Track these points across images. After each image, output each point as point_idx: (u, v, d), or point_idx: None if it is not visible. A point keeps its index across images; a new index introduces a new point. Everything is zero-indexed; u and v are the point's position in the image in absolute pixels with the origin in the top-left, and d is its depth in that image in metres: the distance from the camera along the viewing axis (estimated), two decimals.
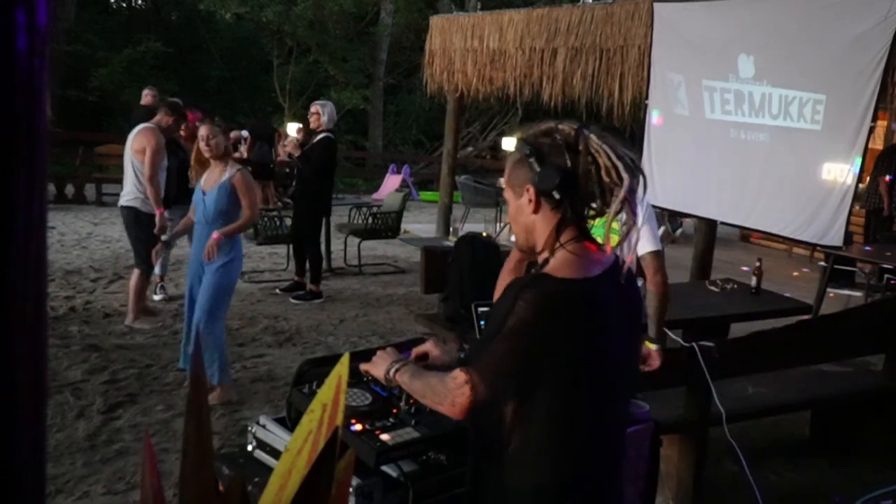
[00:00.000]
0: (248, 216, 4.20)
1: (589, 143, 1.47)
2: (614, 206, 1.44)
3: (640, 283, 3.10)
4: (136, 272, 5.55)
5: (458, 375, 1.46)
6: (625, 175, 1.44)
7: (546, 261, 1.54)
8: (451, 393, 1.47)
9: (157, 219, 5.36)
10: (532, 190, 1.51)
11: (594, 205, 1.51)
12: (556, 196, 1.49)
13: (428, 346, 1.87)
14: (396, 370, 1.65)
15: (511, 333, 1.45)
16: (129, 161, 5.47)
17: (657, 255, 2.99)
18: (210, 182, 4.17)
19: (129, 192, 5.48)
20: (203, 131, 4.11)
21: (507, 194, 1.61)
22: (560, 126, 1.52)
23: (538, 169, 1.49)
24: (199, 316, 4.12)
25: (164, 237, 4.86)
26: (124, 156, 5.60)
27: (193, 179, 4.36)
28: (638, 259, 2.91)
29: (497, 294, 2.95)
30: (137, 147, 5.44)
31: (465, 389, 1.44)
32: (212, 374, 4.16)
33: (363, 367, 1.76)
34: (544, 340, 1.45)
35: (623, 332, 1.56)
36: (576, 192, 1.49)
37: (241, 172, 4.17)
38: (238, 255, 4.26)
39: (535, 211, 1.53)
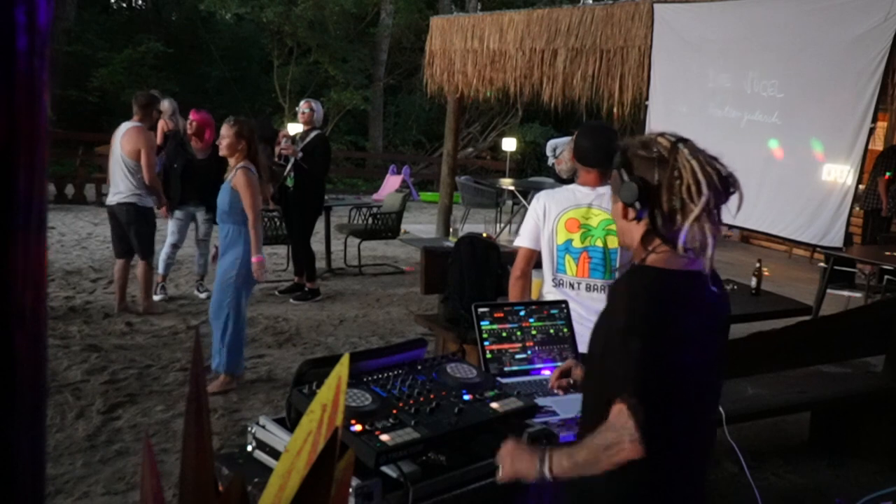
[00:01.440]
0: (251, 218, 4.24)
1: (678, 157, 1.52)
2: (688, 221, 1.49)
3: None
4: (141, 264, 5.70)
5: (612, 413, 1.45)
6: (705, 191, 1.48)
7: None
8: (618, 435, 1.43)
9: (160, 210, 5.80)
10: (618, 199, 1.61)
11: (681, 220, 1.54)
12: (637, 207, 1.56)
13: (570, 363, 1.88)
14: (548, 460, 1.55)
15: (638, 332, 1.47)
16: (119, 160, 5.52)
17: None
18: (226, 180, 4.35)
19: (125, 190, 5.55)
20: (221, 130, 4.32)
21: (612, 197, 1.69)
22: (659, 138, 1.58)
23: (625, 181, 1.57)
24: (211, 309, 4.35)
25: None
26: (112, 154, 5.64)
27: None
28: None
29: (512, 294, 2.96)
30: (129, 148, 5.47)
31: (627, 422, 1.41)
32: (218, 362, 4.33)
33: (505, 476, 1.66)
34: (666, 325, 1.49)
35: (712, 327, 1.60)
36: (658, 205, 1.55)
37: (240, 171, 4.22)
38: (247, 248, 4.31)
39: (625, 217, 1.61)
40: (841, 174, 4.77)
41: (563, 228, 2.81)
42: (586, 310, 2.78)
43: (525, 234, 2.96)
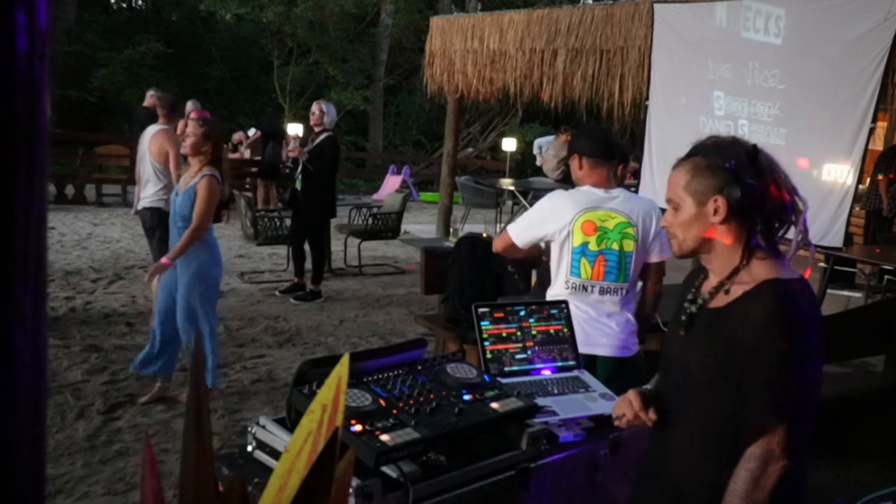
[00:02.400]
0: (194, 225, 3.90)
1: (768, 160, 1.55)
2: (799, 226, 1.53)
3: (638, 286, 3.13)
4: None
5: (762, 442, 1.46)
6: (802, 196, 1.52)
7: (736, 270, 1.58)
8: (762, 462, 1.46)
9: None
10: (722, 200, 1.54)
11: (777, 223, 1.56)
12: (744, 209, 1.53)
13: (638, 398, 1.73)
14: None
15: (807, 354, 1.48)
16: (149, 163, 5.44)
17: (661, 265, 3.02)
18: (184, 184, 4.04)
19: (152, 194, 5.43)
20: (185, 127, 4.04)
21: (679, 198, 1.62)
22: (737, 139, 1.59)
23: (733, 181, 1.53)
24: (180, 320, 4.02)
25: (165, 258, 4.84)
26: (140, 158, 5.58)
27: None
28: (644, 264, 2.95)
29: (540, 291, 2.90)
30: (157, 151, 5.41)
31: (774, 447, 1.45)
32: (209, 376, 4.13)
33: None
34: (819, 343, 1.49)
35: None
36: (761, 208, 1.54)
37: (206, 179, 3.94)
38: (212, 259, 4.06)
39: (723, 221, 1.56)
40: (841, 174, 4.77)
41: (580, 230, 2.75)
42: (598, 312, 2.77)
43: (523, 233, 2.86)
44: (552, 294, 2.82)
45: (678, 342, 1.69)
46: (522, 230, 2.87)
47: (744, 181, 1.52)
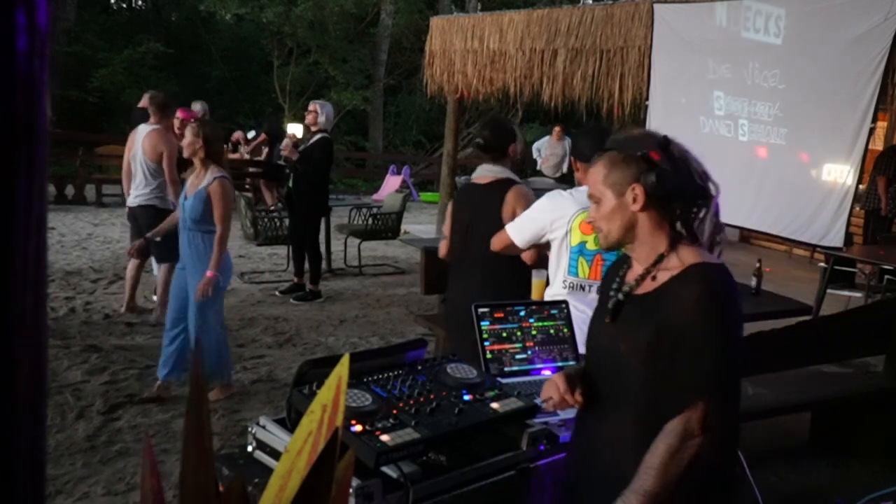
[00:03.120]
0: (220, 231, 4.04)
1: (679, 149, 1.59)
2: (712, 210, 1.57)
3: None
4: (163, 268, 5.54)
5: (683, 418, 1.50)
6: (715, 181, 1.57)
7: (661, 257, 1.62)
8: (680, 437, 1.50)
9: None
10: (639, 188, 1.58)
11: (695, 208, 1.61)
12: (661, 195, 1.58)
13: (566, 377, 1.73)
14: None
15: (729, 334, 1.53)
16: (140, 162, 5.46)
17: None
18: (192, 187, 4.11)
19: (145, 192, 5.48)
20: (185, 130, 4.13)
21: (599, 192, 1.66)
22: (649, 131, 1.65)
23: (647, 169, 1.58)
24: (192, 324, 4.12)
25: (148, 234, 4.83)
26: (132, 157, 5.58)
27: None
28: None
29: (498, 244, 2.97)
30: (150, 150, 5.44)
31: (694, 424, 1.49)
32: (222, 374, 4.25)
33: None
34: (741, 323, 1.57)
35: None
36: (678, 193, 1.58)
37: (218, 181, 4.02)
38: (224, 263, 4.15)
39: (643, 209, 1.60)
40: (841, 174, 4.77)
41: (578, 230, 2.76)
42: None
43: (522, 231, 2.87)
44: (551, 294, 2.82)
45: (606, 331, 1.71)
46: (521, 229, 2.87)
47: (658, 168, 1.57)
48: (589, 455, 1.73)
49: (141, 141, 5.51)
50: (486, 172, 3.35)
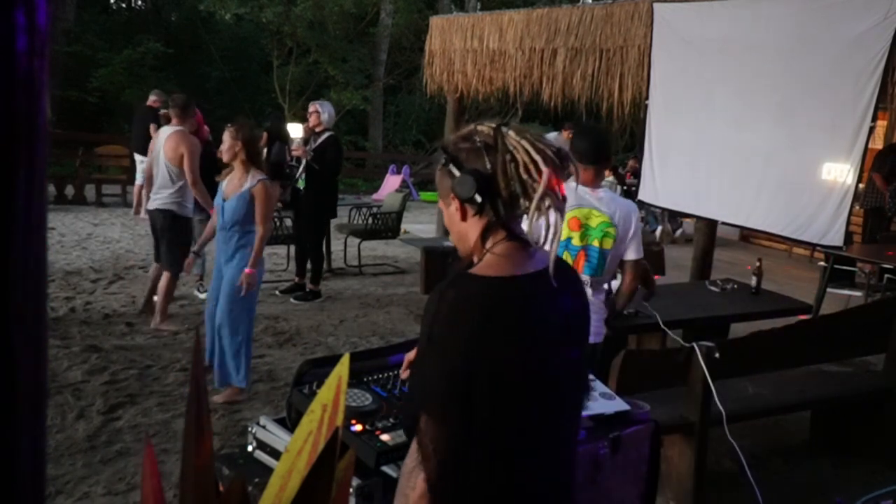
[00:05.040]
0: (261, 232, 4.17)
1: (507, 140, 1.42)
2: (534, 202, 1.38)
3: (615, 282, 3.30)
4: (165, 275, 5.48)
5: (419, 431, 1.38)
6: (544, 168, 1.39)
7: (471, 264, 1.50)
8: (408, 483, 1.39)
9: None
10: (455, 198, 1.46)
11: (526, 203, 1.42)
12: (478, 200, 1.43)
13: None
14: None
15: (437, 345, 1.39)
16: (163, 165, 5.41)
17: (638, 263, 3.23)
18: (230, 189, 4.18)
19: (166, 196, 5.41)
20: (224, 135, 4.21)
21: (441, 204, 1.56)
22: (479, 127, 1.47)
23: (455, 175, 1.44)
24: (219, 319, 4.18)
25: (193, 248, 4.88)
26: (154, 159, 5.56)
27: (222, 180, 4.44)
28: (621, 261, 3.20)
29: None
30: (172, 152, 5.37)
31: (416, 481, 1.35)
32: (240, 377, 4.25)
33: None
34: (469, 344, 1.37)
35: (558, 338, 1.47)
36: (497, 193, 1.43)
37: (262, 183, 4.14)
38: (259, 262, 4.25)
39: (464, 218, 1.48)
40: (841, 173, 4.76)
41: (566, 226, 2.84)
42: None
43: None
44: None
45: None
46: None
47: (463, 172, 1.43)
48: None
49: (163, 143, 5.46)
50: None
